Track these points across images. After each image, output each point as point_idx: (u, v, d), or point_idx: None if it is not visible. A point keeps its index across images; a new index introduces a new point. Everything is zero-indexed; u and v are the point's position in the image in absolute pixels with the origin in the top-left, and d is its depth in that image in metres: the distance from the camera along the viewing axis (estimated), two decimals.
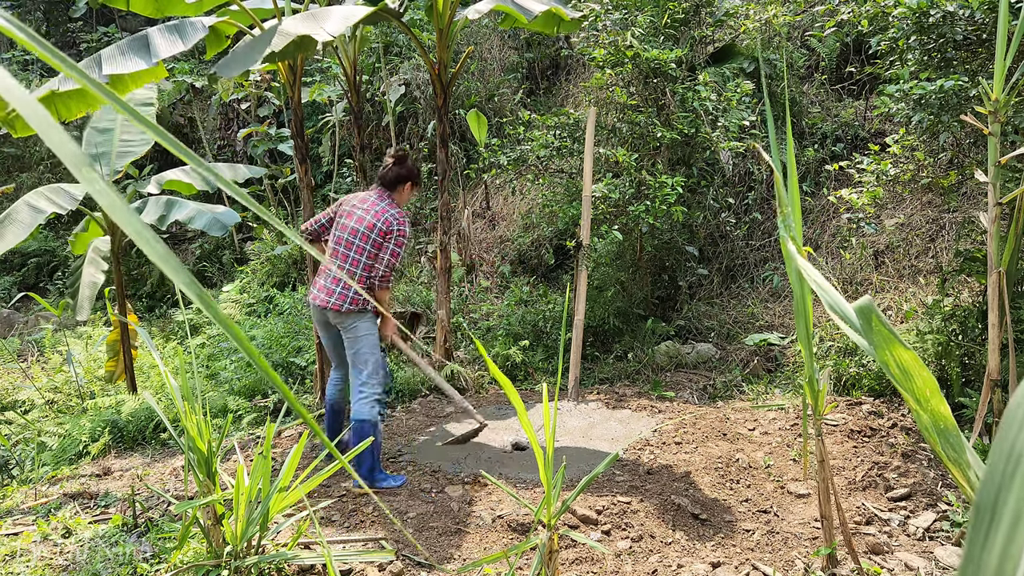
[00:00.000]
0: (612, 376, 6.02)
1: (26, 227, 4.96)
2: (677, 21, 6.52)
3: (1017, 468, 0.49)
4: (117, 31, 12.72)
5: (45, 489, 4.38)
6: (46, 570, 3.22)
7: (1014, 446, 0.49)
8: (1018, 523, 0.47)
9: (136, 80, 4.83)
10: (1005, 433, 0.51)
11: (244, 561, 2.88)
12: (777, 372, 5.80)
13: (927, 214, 6.33)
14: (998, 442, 0.51)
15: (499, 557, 2.71)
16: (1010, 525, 0.48)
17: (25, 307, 10.14)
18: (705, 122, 6.26)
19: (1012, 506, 0.48)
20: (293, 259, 8.74)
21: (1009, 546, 0.47)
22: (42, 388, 6.16)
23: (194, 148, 11.47)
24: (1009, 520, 0.48)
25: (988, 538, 0.49)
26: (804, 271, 1.86)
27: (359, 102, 5.99)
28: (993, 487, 0.49)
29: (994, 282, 3.49)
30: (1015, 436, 0.50)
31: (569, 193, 6.66)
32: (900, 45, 4.51)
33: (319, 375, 5.55)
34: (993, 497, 0.49)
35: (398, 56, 9.77)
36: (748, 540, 3.34)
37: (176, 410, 3.55)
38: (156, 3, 5.06)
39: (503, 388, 2.19)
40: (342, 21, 4.11)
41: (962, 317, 4.74)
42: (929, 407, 1.55)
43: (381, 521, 3.56)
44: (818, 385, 2.75)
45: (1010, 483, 0.49)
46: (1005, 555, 0.47)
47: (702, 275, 6.93)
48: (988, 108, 3.38)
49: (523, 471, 4.17)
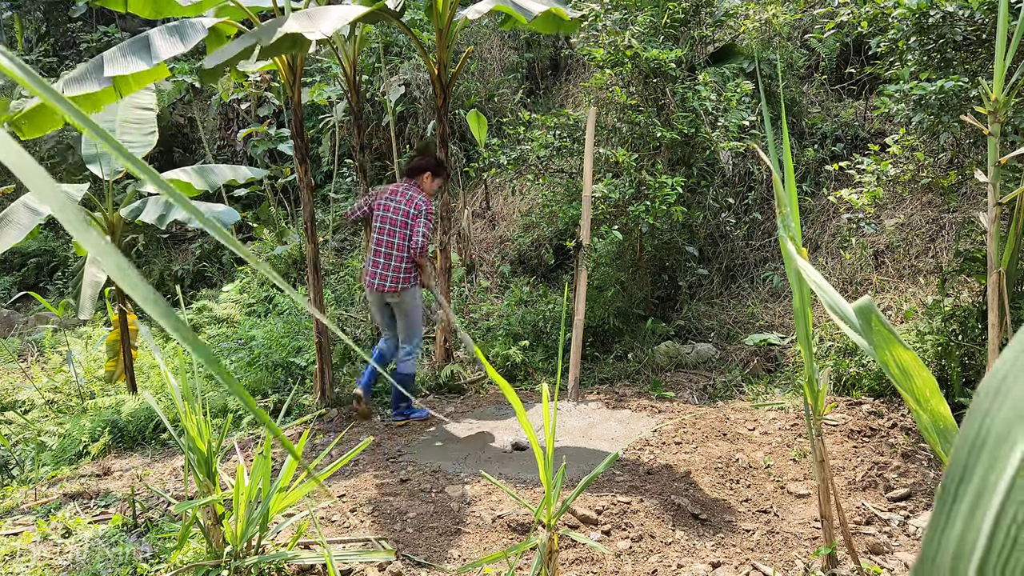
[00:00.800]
0: (612, 376, 6.02)
1: (23, 228, 4.97)
2: (677, 21, 6.52)
3: (983, 447, 0.50)
4: (117, 31, 12.71)
5: (45, 489, 4.39)
6: (46, 570, 3.22)
7: (981, 425, 0.50)
8: (980, 498, 0.49)
9: (139, 81, 4.87)
10: (975, 412, 0.51)
11: (244, 561, 2.88)
12: (777, 372, 5.80)
13: (927, 214, 6.33)
14: (968, 421, 0.52)
15: (499, 557, 2.71)
16: (973, 500, 0.49)
17: (25, 307, 10.14)
18: (705, 122, 6.26)
19: (976, 482, 0.49)
20: (293, 259, 8.74)
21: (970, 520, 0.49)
22: (42, 388, 6.16)
23: (194, 148, 11.47)
24: (972, 495, 0.49)
25: (952, 512, 0.50)
26: (804, 271, 1.86)
27: (359, 102, 5.99)
28: (960, 464, 0.51)
29: (994, 282, 3.49)
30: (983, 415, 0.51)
31: (569, 193, 6.66)
32: (900, 46, 4.51)
33: (319, 375, 5.55)
34: (959, 474, 0.51)
35: (398, 56, 9.77)
36: (748, 540, 3.34)
37: (176, 410, 3.55)
38: (154, 4, 5.06)
39: (501, 389, 2.20)
40: (339, 20, 4.11)
41: (962, 317, 4.73)
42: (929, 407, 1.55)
43: (381, 521, 3.56)
44: (818, 385, 2.75)
45: (976, 461, 0.50)
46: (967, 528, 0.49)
47: (702, 275, 6.93)
48: (988, 108, 3.38)
49: (523, 471, 4.17)
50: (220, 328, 7.66)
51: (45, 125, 4.99)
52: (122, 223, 5.69)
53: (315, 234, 5.49)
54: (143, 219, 5.43)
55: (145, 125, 5.88)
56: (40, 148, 11.32)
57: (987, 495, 0.48)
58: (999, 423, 0.49)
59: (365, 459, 4.44)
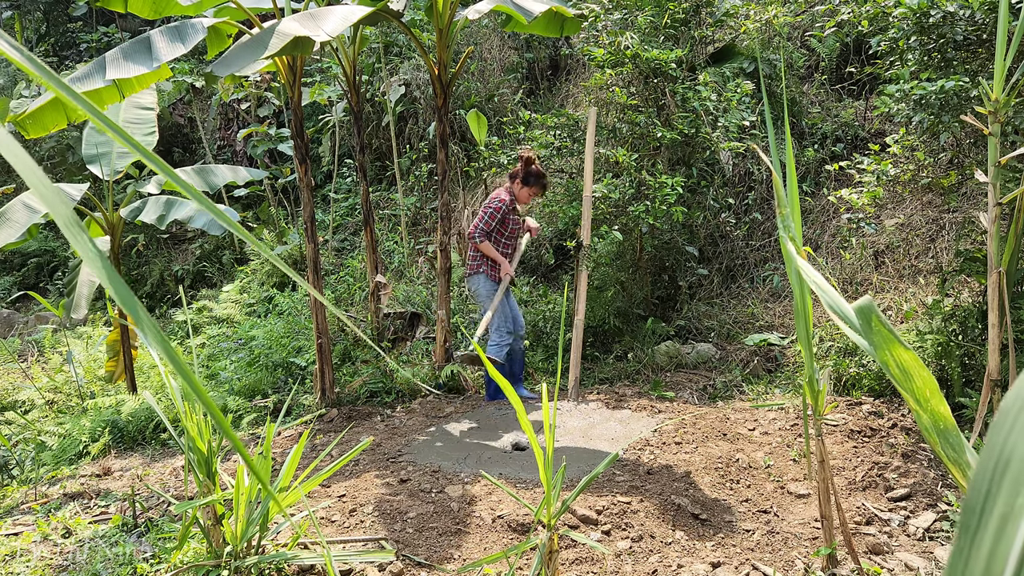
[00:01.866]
0: (612, 376, 6.02)
1: (20, 226, 4.97)
2: (677, 21, 6.52)
3: (1007, 469, 0.48)
4: (117, 31, 12.71)
5: (45, 489, 4.39)
6: (46, 570, 3.23)
7: (1004, 445, 0.49)
8: (1006, 523, 0.47)
9: (141, 82, 4.90)
10: (996, 432, 0.50)
11: (244, 561, 2.88)
12: (777, 372, 5.80)
13: (927, 214, 6.33)
14: (989, 441, 0.51)
15: (499, 557, 2.71)
16: (998, 525, 0.47)
17: (25, 307, 10.15)
18: (705, 122, 6.26)
19: (1001, 506, 0.48)
20: (293, 259, 8.74)
21: (997, 546, 0.47)
22: (42, 388, 6.16)
23: (194, 148, 11.47)
24: (997, 520, 0.47)
25: (976, 538, 0.48)
26: (804, 271, 1.86)
27: (359, 102, 5.99)
28: (983, 487, 0.49)
29: (994, 282, 3.49)
30: (1006, 435, 0.49)
31: (569, 193, 6.66)
32: (900, 45, 4.51)
33: (319, 375, 5.55)
34: (982, 497, 0.49)
35: (398, 56, 9.77)
36: (748, 540, 3.34)
37: (176, 410, 3.55)
38: (154, 4, 5.06)
39: (503, 389, 2.20)
40: (341, 21, 4.11)
41: (962, 317, 4.73)
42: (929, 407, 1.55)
43: (381, 521, 3.56)
44: (818, 385, 2.75)
45: (999, 483, 0.48)
46: (993, 555, 0.47)
47: (702, 275, 6.93)
48: (988, 108, 3.38)
49: (523, 471, 4.17)
50: (220, 328, 7.67)
51: (49, 124, 5.02)
52: (122, 223, 5.69)
53: (315, 234, 5.49)
54: (143, 219, 5.43)
55: (145, 125, 5.89)
56: (40, 148, 11.32)
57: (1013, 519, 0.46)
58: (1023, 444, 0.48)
59: (365, 459, 4.44)
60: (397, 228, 9.00)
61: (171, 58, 4.30)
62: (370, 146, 9.67)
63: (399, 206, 8.95)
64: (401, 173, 9.06)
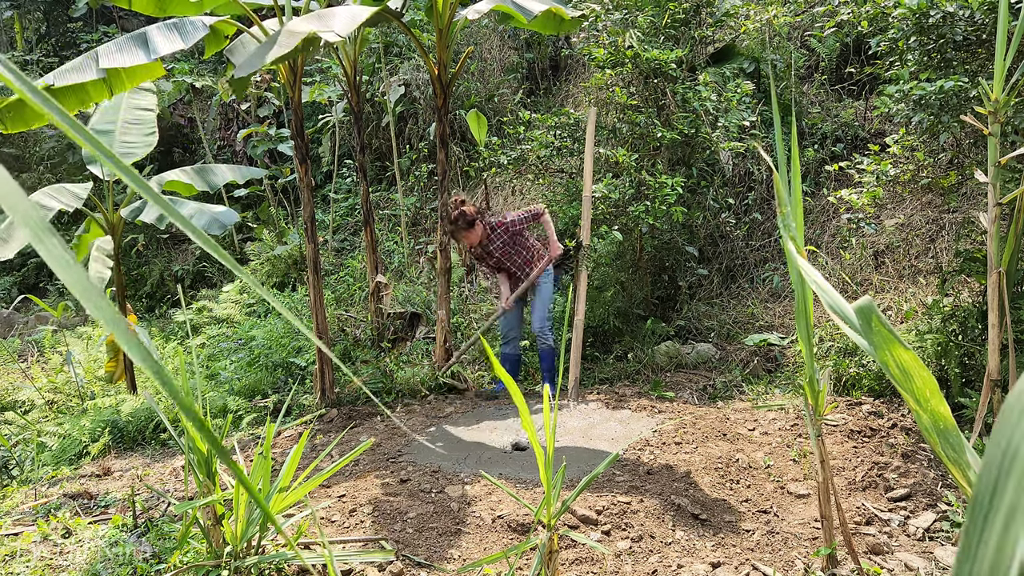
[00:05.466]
0: (612, 376, 6.02)
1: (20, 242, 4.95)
2: (677, 21, 6.52)
3: (1014, 462, 0.49)
4: (118, 31, 12.72)
5: (45, 489, 4.39)
6: (46, 570, 3.22)
7: (1011, 440, 0.49)
8: (1014, 517, 0.47)
9: (132, 77, 4.78)
10: (1002, 427, 0.51)
11: (244, 561, 2.88)
12: (777, 372, 5.80)
13: (927, 214, 6.33)
14: (995, 436, 0.51)
15: (499, 557, 2.71)
16: (1006, 519, 0.47)
17: (25, 307, 10.14)
18: (705, 122, 6.26)
19: (1008, 500, 0.48)
20: (293, 259, 8.74)
21: (1005, 540, 0.47)
22: (42, 388, 6.16)
23: (194, 148, 11.47)
24: (1005, 514, 0.48)
25: (984, 532, 0.49)
26: (804, 271, 1.86)
27: (359, 102, 5.99)
28: (989, 481, 0.50)
29: (994, 282, 3.49)
30: (1012, 430, 0.50)
31: (569, 193, 6.66)
32: (900, 46, 4.51)
33: (319, 375, 5.55)
34: (989, 491, 0.49)
35: (398, 56, 9.77)
36: (748, 540, 3.34)
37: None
38: (159, 2, 5.06)
39: (507, 387, 2.19)
40: (350, 21, 4.11)
41: (962, 317, 4.73)
42: (929, 407, 1.55)
43: (381, 521, 3.55)
44: (818, 385, 2.75)
45: (1006, 477, 0.49)
46: (1001, 549, 0.47)
47: (702, 275, 6.93)
48: (988, 108, 3.38)
49: (523, 471, 4.17)
50: (220, 328, 7.67)
51: (30, 119, 4.70)
52: (122, 223, 5.69)
53: (315, 234, 5.49)
54: (143, 219, 5.43)
55: (145, 126, 5.88)
56: (40, 147, 11.33)
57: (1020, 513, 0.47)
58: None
59: (365, 459, 4.44)
60: (397, 228, 9.00)
61: (168, 52, 4.28)
62: (370, 146, 9.67)
63: (399, 206, 8.95)
64: (401, 173, 9.06)
